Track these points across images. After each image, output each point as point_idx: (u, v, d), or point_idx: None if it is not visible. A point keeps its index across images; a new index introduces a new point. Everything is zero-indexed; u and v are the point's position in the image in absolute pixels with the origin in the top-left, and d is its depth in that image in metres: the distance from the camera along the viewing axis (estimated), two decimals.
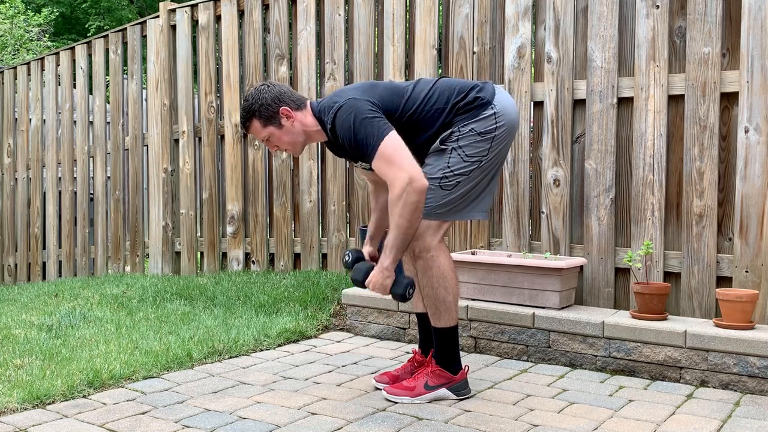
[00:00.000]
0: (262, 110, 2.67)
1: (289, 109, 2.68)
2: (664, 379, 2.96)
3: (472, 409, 2.59)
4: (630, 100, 3.47)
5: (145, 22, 5.53)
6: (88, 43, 6.01)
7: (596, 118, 3.53)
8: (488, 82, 2.73)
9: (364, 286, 2.63)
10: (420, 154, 2.67)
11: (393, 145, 2.49)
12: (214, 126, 5.14)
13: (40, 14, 12.79)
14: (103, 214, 5.87)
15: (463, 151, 2.59)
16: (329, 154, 4.59)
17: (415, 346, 3.28)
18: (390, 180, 2.47)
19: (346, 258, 2.78)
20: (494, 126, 2.60)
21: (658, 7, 3.37)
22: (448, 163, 2.59)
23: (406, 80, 4.00)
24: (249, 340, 3.42)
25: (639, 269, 3.34)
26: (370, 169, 2.71)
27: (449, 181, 2.59)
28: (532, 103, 3.74)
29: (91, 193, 6.18)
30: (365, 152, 2.52)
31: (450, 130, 2.61)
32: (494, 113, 2.61)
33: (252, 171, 4.94)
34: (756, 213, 3.15)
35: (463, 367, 2.74)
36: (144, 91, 5.97)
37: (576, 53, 3.61)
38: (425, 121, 2.63)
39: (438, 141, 2.62)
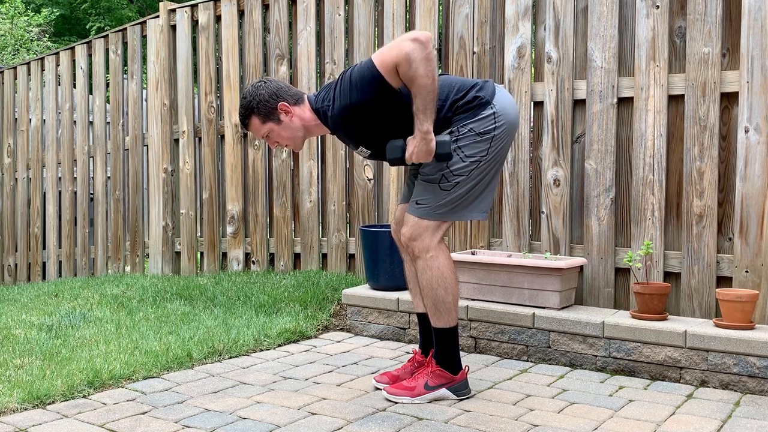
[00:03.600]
0: (260, 107, 2.66)
1: (287, 104, 2.67)
2: (664, 379, 2.96)
3: (472, 409, 2.59)
4: (630, 100, 3.47)
5: (145, 22, 5.53)
6: (88, 43, 6.01)
7: (596, 118, 3.53)
8: (488, 80, 2.71)
9: (404, 163, 2.57)
10: None
11: (379, 51, 2.46)
12: (214, 126, 5.14)
13: (39, 14, 12.77)
14: (103, 214, 5.87)
15: (462, 152, 2.59)
16: (329, 153, 4.59)
17: (415, 346, 3.28)
18: (395, 59, 2.39)
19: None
20: (493, 126, 2.60)
21: (658, 7, 3.37)
22: (447, 163, 2.58)
23: None
24: (249, 340, 3.42)
25: (639, 269, 3.34)
26: (371, 156, 2.71)
27: (448, 182, 2.59)
28: (532, 103, 3.74)
29: (91, 193, 6.18)
30: (364, 73, 2.46)
31: (449, 130, 2.60)
32: (493, 113, 2.60)
33: (252, 171, 4.94)
34: (756, 213, 3.15)
35: (463, 367, 2.74)
36: (144, 91, 5.97)
37: (576, 53, 3.61)
38: None
39: None
